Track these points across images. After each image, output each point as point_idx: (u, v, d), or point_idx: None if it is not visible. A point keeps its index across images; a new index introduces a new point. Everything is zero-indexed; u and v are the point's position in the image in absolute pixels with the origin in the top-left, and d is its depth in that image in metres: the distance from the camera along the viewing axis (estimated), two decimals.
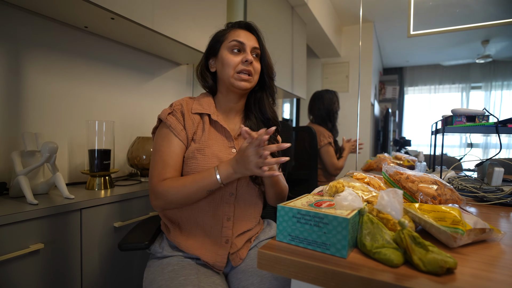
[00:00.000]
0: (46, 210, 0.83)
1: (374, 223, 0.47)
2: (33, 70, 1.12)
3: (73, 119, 1.25)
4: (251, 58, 0.82)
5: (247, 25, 0.88)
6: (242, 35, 0.84)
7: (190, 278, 0.72)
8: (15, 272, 0.78)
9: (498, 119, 0.94)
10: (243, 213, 0.85)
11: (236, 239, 0.82)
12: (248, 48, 0.84)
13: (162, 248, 0.82)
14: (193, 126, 0.83)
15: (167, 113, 0.82)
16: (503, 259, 0.45)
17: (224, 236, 0.80)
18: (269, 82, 0.90)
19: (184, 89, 1.86)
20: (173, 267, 0.76)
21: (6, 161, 1.04)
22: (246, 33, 0.86)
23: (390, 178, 0.72)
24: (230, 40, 0.84)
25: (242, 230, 0.84)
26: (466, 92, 5.27)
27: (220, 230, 0.80)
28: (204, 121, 0.84)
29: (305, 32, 2.96)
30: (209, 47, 0.89)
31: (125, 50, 1.46)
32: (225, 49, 0.84)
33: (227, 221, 0.81)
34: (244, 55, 0.82)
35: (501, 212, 0.76)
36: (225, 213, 0.81)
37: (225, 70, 0.83)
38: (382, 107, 4.99)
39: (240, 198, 0.84)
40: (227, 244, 0.80)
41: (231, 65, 0.82)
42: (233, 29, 0.87)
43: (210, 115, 0.84)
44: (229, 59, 0.82)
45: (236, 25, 0.89)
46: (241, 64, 0.82)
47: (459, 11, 1.96)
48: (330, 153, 1.97)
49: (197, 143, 0.81)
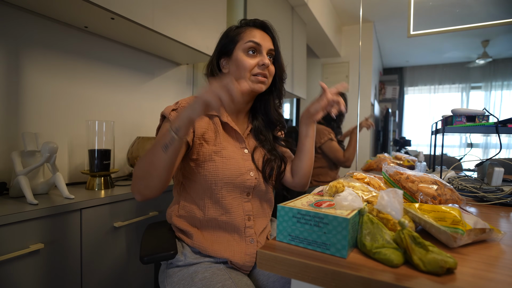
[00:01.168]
0: (46, 210, 0.83)
1: (374, 223, 0.47)
2: (33, 70, 1.12)
3: (73, 119, 1.25)
4: (268, 62, 0.79)
5: (263, 24, 0.84)
6: (258, 36, 0.81)
7: (227, 284, 0.70)
8: (15, 272, 0.78)
9: (498, 119, 0.94)
10: (260, 211, 0.86)
11: (259, 237, 0.83)
12: (265, 50, 0.81)
13: (184, 255, 0.78)
14: (204, 125, 0.80)
15: (171, 109, 0.76)
16: (503, 259, 0.45)
17: (249, 235, 0.80)
18: (279, 84, 0.88)
19: (184, 89, 1.86)
20: (203, 275, 0.72)
21: (6, 161, 1.04)
22: (261, 33, 0.82)
23: (390, 178, 0.72)
24: (246, 41, 0.80)
25: (262, 227, 0.85)
26: (466, 92, 5.26)
27: (244, 230, 0.80)
28: (215, 122, 0.82)
29: (305, 32, 2.96)
30: (222, 46, 0.84)
31: (125, 50, 1.46)
32: (240, 50, 0.80)
33: (248, 221, 0.81)
34: (261, 58, 0.79)
35: (501, 212, 0.76)
36: (246, 212, 0.81)
37: (240, 73, 0.79)
38: (382, 107, 4.99)
39: (255, 196, 0.85)
40: (253, 243, 0.80)
41: (247, 68, 0.79)
42: (248, 28, 0.83)
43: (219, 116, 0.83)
44: (245, 62, 0.79)
45: (251, 23, 0.84)
46: (257, 67, 0.79)
47: (459, 11, 1.96)
48: (334, 147, 1.95)
49: (212, 145, 0.79)
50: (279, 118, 0.91)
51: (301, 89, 2.91)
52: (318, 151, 1.99)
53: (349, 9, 3.30)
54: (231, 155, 0.80)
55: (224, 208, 0.79)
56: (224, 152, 0.79)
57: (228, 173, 0.78)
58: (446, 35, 3.71)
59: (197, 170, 0.79)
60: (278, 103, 0.91)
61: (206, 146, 0.79)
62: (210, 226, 0.81)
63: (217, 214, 0.79)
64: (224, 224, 0.80)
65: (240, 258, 0.78)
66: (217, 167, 0.78)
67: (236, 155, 0.81)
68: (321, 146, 1.96)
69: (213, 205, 0.80)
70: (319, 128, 1.99)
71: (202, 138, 0.80)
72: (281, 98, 0.91)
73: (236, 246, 0.79)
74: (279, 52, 0.86)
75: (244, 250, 0.79)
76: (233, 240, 0.80)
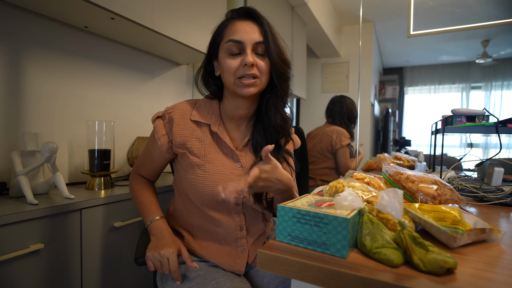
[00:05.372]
0: (46, 210, 0.83)
1: (374, 223, 0.47)
2: (33, 70, 1.12)
3: (73, 119, 1.25)
4: (250, 60, 0.67)
5: (248, 11, 0.72)
6: (239, 30, 0.69)
7: (221, 281, 0.70)
8: (15, 272, 0.78)
9: (498, 119, 0.93)
10: (254, 219, 0.80)
11: (252, 248, 0.79)
12: (249, 46, 0.68)
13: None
14: (185, 133, 0.75)
15: (155, 116, 0.78)
16: (503, 259, 0.45)
17: (240, 246, 0.77)
18: (277, 82, 0.73)
19: (184, 89, 1.86)
20: (197, 272, 0.73)
21: (6, 161, 1.04)
22: (245, 24, 0.70)
23: (390, 178, 0.72)
24: (226, 41, 0.70)
25: (257, 235, 0.81)
26: (466, 92, 5.26)
27: (235, 241, 0.77)
28: (203, 130, 0.76)
29: (305, 32, 2.96)
30: (208, 49, 0.76)
31: (125, 50, 1.46)
32: (222, 51, 0.71)
33: (240, 231, 0.77)
34: (243, 57, 0.68)
35: (501, 212, 0.76)
36: (237, 223, 0.77)
37: (225, 77, 0.71)
38: (382, 107, 4.99)
39: (247, 206, 0.78)
40: (244, 253, 0.77)
41: (230, 71, 0.69)
42: (230, 22, 0.72)
43: (210, 125, 0.75)
44: (227, 64, 0.69)
45: (235, 14, 0.73)
46: (241, 67, 0.68)
47: (459, 11, 1.96)
48: (347, 154, 1.98)
49: (196, 157, 0.74)
50: (282, 124, 0.76)
51: (301, 89, 2.91)
52: (332, 152, 2.00)
53: (349, 9, 3.30)
54: (217, 170, 0.73)
55: (212, 219, 0.76)
56: (209, 166, 0.73)
57: (209, 190, 0.72)
58: (446, 35, 3.70)
59: (184, 176, 0.77)
60: (282, 104, 0.77)
61: (190, 156, 0.74)
62: (200, 232, 0.80)
63: (205, 223, 0.78)
64: (214, 233, 0.78)
65: (229, 267, 0.76)
66: (197, 181, 0.73)
67: (225, 170, 0.74)
68: (338, 149, 1.97)
69: (200, 214, 0.78)
70: (340, 130, 2.00)
71: (184, 147, 0.75)
72: (285, 98, 0.77)
73: (226, 255, 0.77)
74: (272, 41, 0.71)
75: (234, 259, 0.77)
76: (224, 250, 0.77)
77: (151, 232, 0.76)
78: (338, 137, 1.96)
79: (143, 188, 0.84)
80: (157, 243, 0.72)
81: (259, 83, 0.71)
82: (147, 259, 0.71)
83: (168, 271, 0.69)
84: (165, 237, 0.73)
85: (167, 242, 0.71)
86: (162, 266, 0.69)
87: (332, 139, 1.98)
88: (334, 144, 1.97)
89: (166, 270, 0.69)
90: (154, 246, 0.71)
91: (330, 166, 2.03)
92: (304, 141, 1.77)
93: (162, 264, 0.69)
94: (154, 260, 0.69)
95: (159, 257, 0.69)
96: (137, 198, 0.83)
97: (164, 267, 0.68)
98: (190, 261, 0.71)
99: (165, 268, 0.69)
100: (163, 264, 0.68)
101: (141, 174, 0.87)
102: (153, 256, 0.69)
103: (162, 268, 0.69)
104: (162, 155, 0.79)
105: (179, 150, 0.76)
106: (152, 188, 0.87)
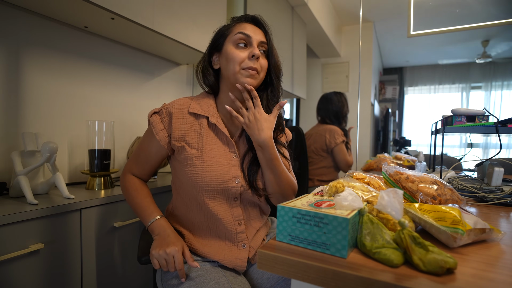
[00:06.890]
0: (46, 210, 0.83)
1: (374, 223, 0.47)
2: (33, 70, 1.12)
3: (73, 119, 1.25)
4: (258, 52, 0.75)
5: (254, 18, 0.82)
6: (248, 28, 0.78)
7: (220, 281, 0.71)
8: (15, 272, 0.78)
9: (498, 119, 0.94)
10: (252, 214, 0.84)
11: (252, 242, 0.81)
12: (255, 42, 0.77)
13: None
14: (184, 127, 0.78)
15: (152, 112, 0.81)
16: (503, 259, 0.45)
17: (241, 241, 0.78)
18: (275, 82, 0.83)
19: (184, 89, 1.86)
20: (197, 272, 0.73)
21: (6, 161, 1.04)
22: (252, 26, 0.79)
23: (390, 178, 0.72)
24: (235, 33, 0.77)
25: (256, 229, 0.83)
26: (466, 92, 5.27)
27: (235, 236, 0.78)
28: (201, 123, 0.79)
29: (305, 32, 2.96)
30: (212, 42, 0.83)
31: (125, 50, 1.46)
32: (229, 43, 0.78)
33: (239, 226, 0.79)
34: (251, 50, 0.76)
35: (501, 212, 0.76)
36: (235, 217, 0.79)
37: (229, 66, 0.76)
38: (382, 107, 4.99)
39: (245, 200, 0.82)
40: (245, 248, 0.78)
41: (236, 60, 0.75)
42: (238, 23, 0.81)
43: (209, 117, 0.79)
44: (234, 54, 0.76)
45: (242, 18, 0.82)
46: (247, 60, 0.75)
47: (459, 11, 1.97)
48: (344, 150, 1.99)
49: (194, 149, 0.77)
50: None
51: (301, 89, 2.91)
52: (328, 151, 2.00)
53: (349, 9, 3.30)
54: (214, 160, 0.76)
55: (211, 214, 0.77)
56: (206, 157, 0.76)
57: (208, 180, 0.75)
58: (446, 35, 3.70)
59: (182, 171, 0.79)
60: (275, 99, 0.86)
61: (188, 149, 0.77)
62: (200, 229, 0.80)
63: (205, 219, 0.79)
64: (214, 229, 0.79)
65: (231, 262, 0.77)
66: (196, 173, 0.75)
67: (222, 160, 0.77)
68: (334, 148, 1.97)
69: (200, 209, 0.79)
70: (333, 128, 2.00)
71: (183, 140, 0.78)
72: (278, 97, 0.86)
73: (227, 251, 0.78)
74: (272, 47, 0.82)
75: (235, 255, 0.77)
76: (225, 245, 0.78)
77: (154, 231, 0.77)
78: (331, 135, 1.96)
79: (137, 188, 0.84)
80: (162, 242, 0.73)
81: (258, 77, 0.79)
82: (152, 258, 0.71)
83: (173, 269, 0.70)
84: (169, 235, 0.74)
85: (172, 240, 0.73)
86: (167, 264, 0.70)
87: (326, 139, 1.98)
88: (328, 144, 1.97)
89: (171, 268, 0.70)
90: (158, 244, 0.72)
91: (327, 165, 2.02)
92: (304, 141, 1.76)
93: (168, 262, 0.70)
94: (160, 258, 0.70)
95: (165, 255, 0.70)
96: (132, 198, 0.82)
97: (170, 265, 0.70)
98: (192, 261, 0.72)
99: (170, 266, 0.70)
100: (169, 262, 0.70)
101: (134, 174, 0.86)
102: (159, 254, 0.70)
103: (167, 266, 0.70)
104: (160, 151, 0.81)
105: (177, 144, 0.78)
106: (147, 187, 0.87)
